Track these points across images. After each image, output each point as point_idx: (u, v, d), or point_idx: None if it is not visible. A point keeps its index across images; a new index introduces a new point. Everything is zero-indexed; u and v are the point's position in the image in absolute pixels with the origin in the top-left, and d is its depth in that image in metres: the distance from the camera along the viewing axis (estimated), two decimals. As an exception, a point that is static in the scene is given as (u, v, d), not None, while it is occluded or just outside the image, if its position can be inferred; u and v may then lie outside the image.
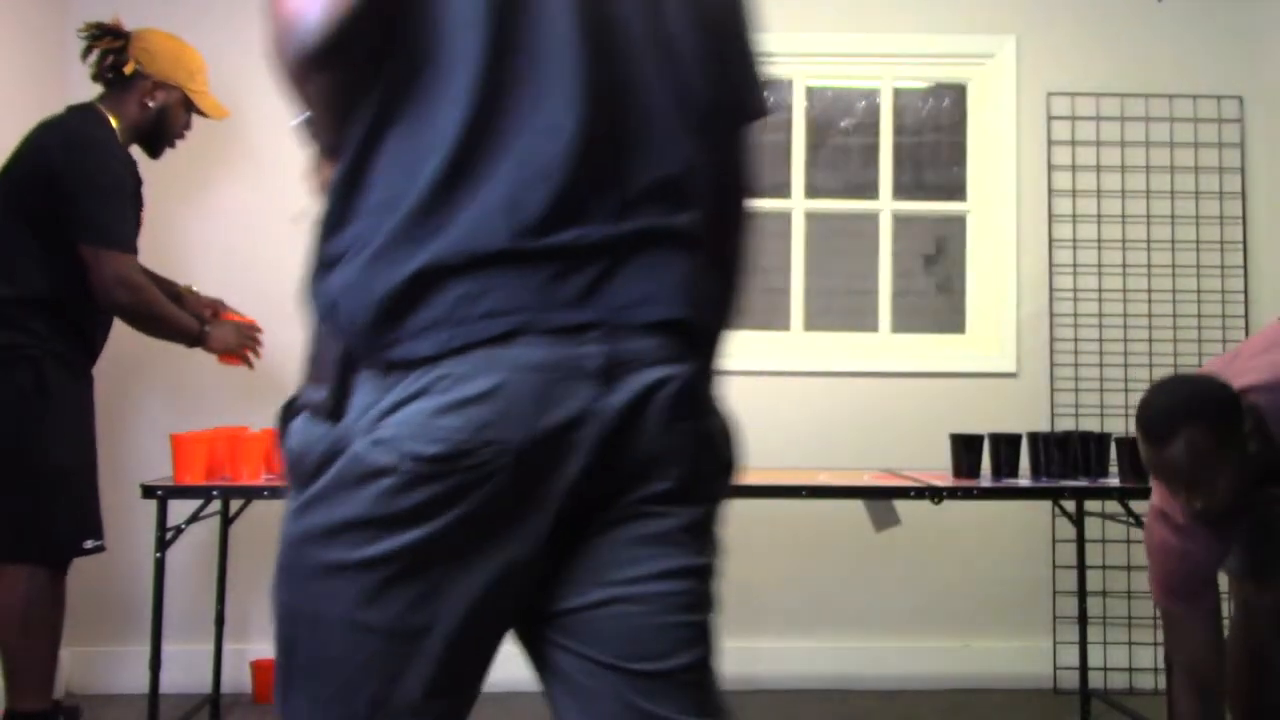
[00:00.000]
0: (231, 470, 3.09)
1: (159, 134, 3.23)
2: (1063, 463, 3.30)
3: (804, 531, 3.95)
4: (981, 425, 3.40)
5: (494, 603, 1.19)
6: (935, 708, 3.77)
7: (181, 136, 3.32)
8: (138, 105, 3.16)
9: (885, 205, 4.14)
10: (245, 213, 3.96)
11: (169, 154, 3.90)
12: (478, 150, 1.16)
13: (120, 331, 3.19)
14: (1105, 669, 3.91)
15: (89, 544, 3.02)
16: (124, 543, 3.75)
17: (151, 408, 3.86)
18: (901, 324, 4.17)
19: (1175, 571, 2.46)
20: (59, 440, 2.96)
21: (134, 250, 3.10)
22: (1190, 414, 2.26)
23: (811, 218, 4.15)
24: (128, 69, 3.12)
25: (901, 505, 3.27)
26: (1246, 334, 3.93)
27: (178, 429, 3.26)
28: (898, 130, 4.16)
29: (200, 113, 3.29)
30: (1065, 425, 3.92)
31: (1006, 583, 4.02)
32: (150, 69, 3.14)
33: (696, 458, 1.24)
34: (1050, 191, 4.04)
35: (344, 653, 1.19)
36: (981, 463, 3.31)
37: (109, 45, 3.13)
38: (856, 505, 3.34)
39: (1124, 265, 4.03)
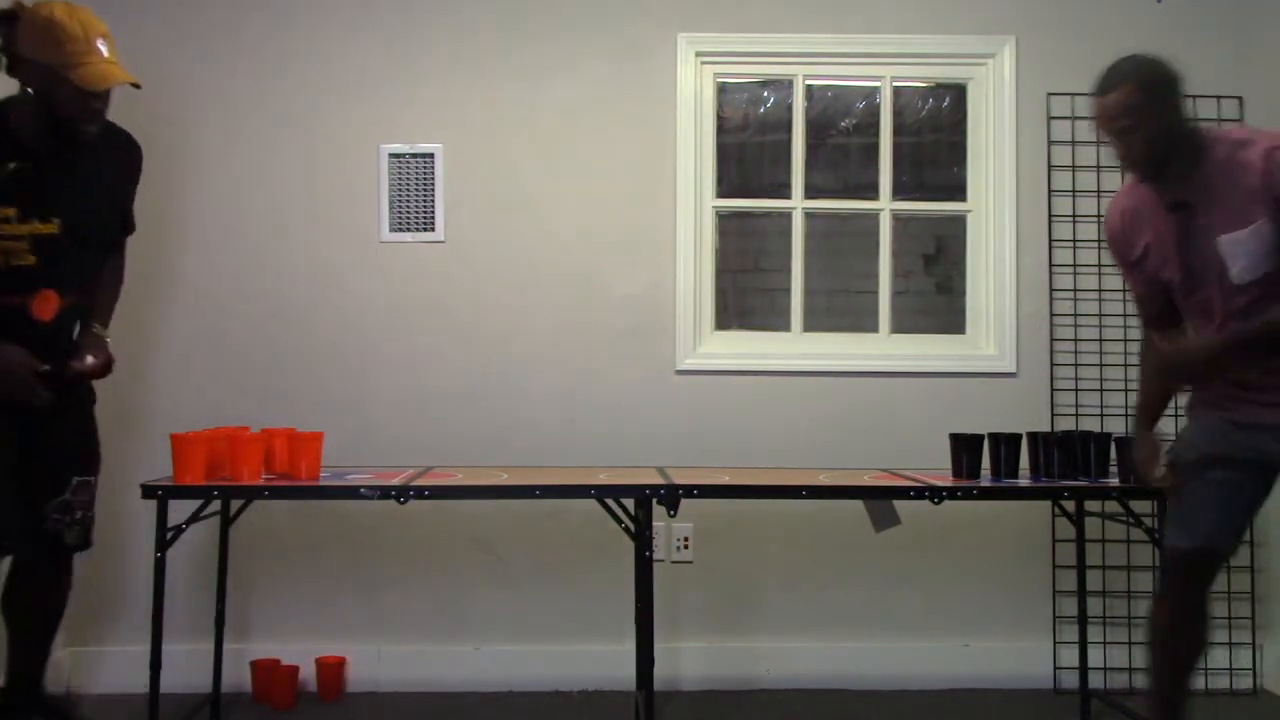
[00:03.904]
0: (231, 470, 3.09)
1: (55, 120, 2.80)
2: (1063, 463, 3.30)
3: (804, 531, 3.95)
4: (981, 425, 3.40)
5: None
6: (935, 708, 3.77)
7: (81, 117, 2.81)
8: (25, 91, 2.80)
9: (885, 205, 4.14)
10: (249, 215, 3.96)
11: (174, 155, 3.91)
12: None
13: (120, 332, 3.18)
14: (1105, 669, 3.91)
15: None
16: (124, 543, 3.76)
17: (151, 408, 3.86)
18: (901, 324, 4.16)
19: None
20: None
21: None
22: (1129, 75, 2.66)
23: (811, 218, 4.15)
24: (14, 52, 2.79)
25: (901, 505, 3.27)
26: (1246, 334, 3.92)
27: (178, 429, 3.26)
28: (898, 130, 4.16)
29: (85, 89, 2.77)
30: (1065, 425, 3.92)
31: (1006, 583, 4.02)
32: (22, 50, 2.76)
33: None
34: (1050, 191, 4.04)
35: None
36: (981, 463, 3.31)
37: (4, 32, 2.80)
38: (856, 505, 3.34)
39: (1124, 265, 4.03)
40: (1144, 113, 2.62)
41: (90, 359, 2.95)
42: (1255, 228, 2.59)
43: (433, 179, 3.97)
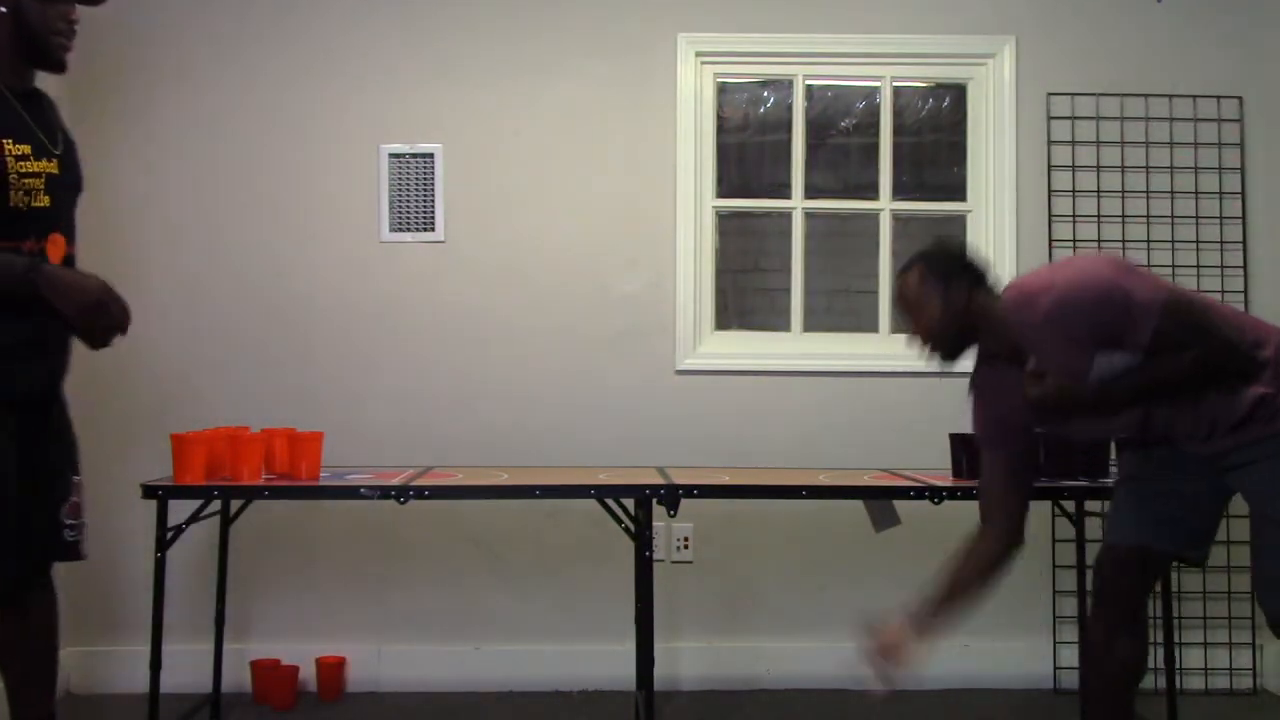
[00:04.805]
0: (231, 470, 3.09)
1: (32, 42, 2.56)
2: (1062, 463, 3.29)
3: (804, 531, 3.95)
4: (981, 425, 3.40)
5: None
6: (935, 708, 3.77)
7: (61, 32, 2.59)
8: None
9: (885, 205, 4.14)
10: (248, 215, 3.96)
11: (173, 154, 3.90)
12: None
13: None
14: (1105, 669, 3.90)
15: None
16: (124, 543, 3.76)
17: (151, 408, 3.86)
18: (901, 324, 4.16)
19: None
20: None
21: None
22: (917, 258, 2.73)
23: (811, 218, 4.15)
24: None
25: (901, 505, 3.27)
26: (1246, 334, 3.92)
27: (178, 429, 3.26)
28: (898, 130, 4.16)
29: None
30: (1065, 425, 3.92)
31: (1006, 583, 3.99)
32: None
33: None
34: (1050, 191, 4.04)
35: None
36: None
37: None
38: (856, 505, 3.34)
39: (1124, 265, 4.03)
40: (928, 293, 2.65)
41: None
42: (1103, 359, 2.47)
43: (433, 179, 3.97)
